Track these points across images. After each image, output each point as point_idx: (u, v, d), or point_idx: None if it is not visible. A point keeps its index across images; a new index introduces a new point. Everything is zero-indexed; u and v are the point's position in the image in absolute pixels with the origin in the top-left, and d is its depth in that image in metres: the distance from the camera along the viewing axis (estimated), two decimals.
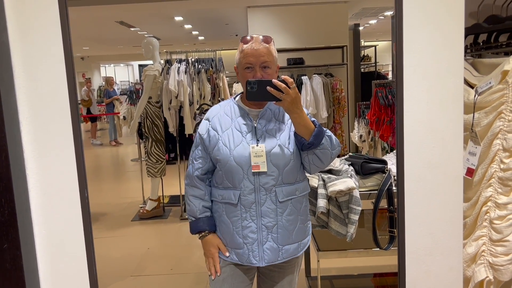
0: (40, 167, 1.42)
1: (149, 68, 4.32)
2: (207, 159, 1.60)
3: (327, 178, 2.10)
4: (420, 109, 1.50)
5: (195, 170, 1.62)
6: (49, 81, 1.40)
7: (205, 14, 7.77)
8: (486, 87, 1.56)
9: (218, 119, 1.58)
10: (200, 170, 1.61)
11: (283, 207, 1.53)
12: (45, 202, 1.43)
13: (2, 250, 1.33)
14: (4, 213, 1.32)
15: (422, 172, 1.54)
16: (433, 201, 1.55)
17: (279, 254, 1.55)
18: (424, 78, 1.48)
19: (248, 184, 1.50)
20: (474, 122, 1.59)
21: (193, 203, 1.62)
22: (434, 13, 1.45)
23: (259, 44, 1.51)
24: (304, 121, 1.47)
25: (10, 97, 1.35)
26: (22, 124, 1.40)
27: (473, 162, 1.60)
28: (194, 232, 1.65)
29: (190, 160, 1.66)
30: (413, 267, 1.58)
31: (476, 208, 1.64)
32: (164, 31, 9.64)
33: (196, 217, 1.62)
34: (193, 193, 1.63)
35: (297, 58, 5.82)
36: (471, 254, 1.66)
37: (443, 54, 1.47)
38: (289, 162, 1.52)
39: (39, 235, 1.44)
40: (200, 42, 12.42)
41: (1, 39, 1.32)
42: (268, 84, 1.42)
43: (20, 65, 1.38)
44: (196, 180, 1.62)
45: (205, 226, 1.61)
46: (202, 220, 1.61)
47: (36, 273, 1.43)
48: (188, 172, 1.65)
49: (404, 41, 1.46)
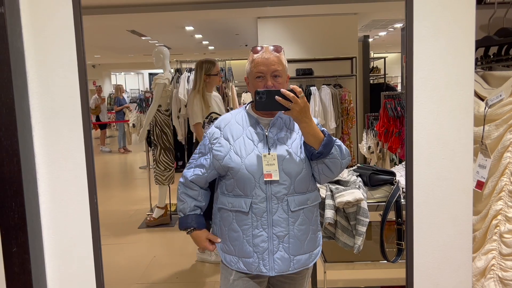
0: (50, 172, 1.43)
1: (159, 77, 4.37)
2: (209, 170, 1.60)
3: (334, 188, 2.09)
4: (430, 120, 1.49)
5: (193, 175, 1.63)
6: (62, 87, 1.42)
7: (216, 24, 7.84)
8: (496, 100, 1.55)
9: (229, 128, 1.58)
10: (198, 177, 1.63)
11: (295, 216, 1.53)
12: (54, 207, 1.44)
13: (11, 253, 1.34)
14: (14, 217, 1.34)
15: (431, 184, 1.52)
16: (442, 213, 1.54)
17: (291, 265, 1.54)
18: (434, 90, 1.48)
19: (259, 193, 1.50)
20: (484, 135, 1.58)
21: (186, 200, 1.66)
22: (445, 25, 1.45)
23: (270, 53, 1.52)
24: (313, 131, 1.47)
25: (23, 102, 1.37)
26: (34, 129, 1.42)
27: (483, 175, 1.59)
28: (182, 227, 1.68)
29: (191, 164, 1.67)
30: (421, 280, 1.56)
31: (486, 222, 1.62)
32: (175, 40, 9.74)
33: (186, 214, 1.66)
34: (186, 192, 1.67)
35: (306, 69, 5.84)
36: (480, 268, 1.64)
37: (453, 66, 1.46)
38: (301, 171, 1.52)
39: (48, 240, 1.45)
40: (210, 52, 12.52)
41: (16, 45, 1.35)
42: (277, 93, 1.42)
43: (34, 71, 1.40)
44: (192, 183, 1.65)
45: (193, 223, 1.66)
46: (190, 217, 1.66)
47: (43, 277, 1.44)
48: (185, 174, 1.67)
49: (414, 52, 1.46)
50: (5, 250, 1.35)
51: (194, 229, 1.66)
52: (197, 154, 1.66)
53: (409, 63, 1.46)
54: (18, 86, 1.34)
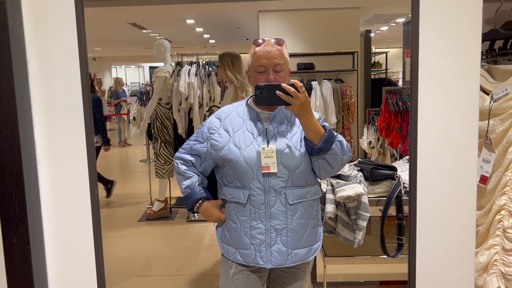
0: (51, 163, 1.42)
1: (160, 70, 4.35)
2: (204, 159, 1.60)
3: (335, 183, 2.09)
4: (434, 113, 1.48)
5: (193, 159, 1.62)
6: (63, 77, 1.40)
7: (217, 18, 7.80)
8: (502, 94, 1.54)
9: (230, 120, 1.57)
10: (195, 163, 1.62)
11: (293, 210, 1.52)
12: (55, 198, 1.43)
13: (12, 244, 1.33)
14: (14, 207, 1.33)
15: (435, 177, 1.51)
16: (445, 208, 1.53)
17: (288, 258, 1.54)
18: (440, 83, 1.46)
19: (257, 185, 1.49)
20: (489, 129, 1.57)
21: (193, 175, 1.62)
22: (451, 17, 1.43)
23: (272, 46, 1.50)
24: (313, 126, 1.45)
25: (23, 92, 1.36)
26: (34, 119, 1.40)
27: (487, 169, 1.58)
28: (191, 201, 1.62)
29: (186, 150, 1.64)
30: (423, 274, 1.56)
31: (489, 217, 1.61)
32: (176, 33, 9.70)
33: (194, 187, 1.61)
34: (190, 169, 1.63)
35: (307, 63, 5.82)
36: (483, 263, 1.63)
37: (459, 58, 1.45)
38: (300, 164, 1.51)
39: (48, 231, 1.44)
40: (211, 45, 12.48)
41: (17, 34, 1.34)
42: (278, 88, 1.40)
43: (34, 61, 1.39)
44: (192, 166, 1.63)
45: (203, 194, 1.61)
46: (199, 189, 1.61)
47: (44, 268, 1.43)
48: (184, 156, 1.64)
49: (420, 44, 1.44)
50: (5, 241, 1.34)
51: (205, 199, 1.61)
52: (192, 141, 1.64)
53: (415, 55, 1.44)
54: (18, 75, 1.33)
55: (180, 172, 1.64)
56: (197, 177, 1.63)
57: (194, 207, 1.62)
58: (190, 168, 1.64)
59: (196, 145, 1.61)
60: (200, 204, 1.61)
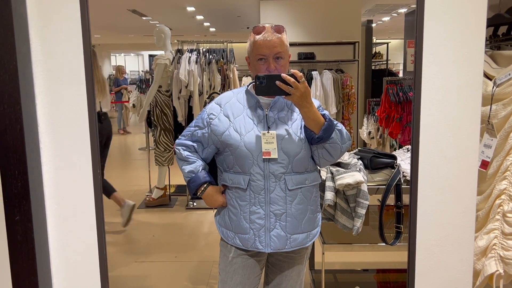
0: (54, 142, 1.42)
1: (160, 57, 4.32)
2: (206, 144, 1.61)
3: (335, 171, 2.09)
4: (437, 97, 1.48)
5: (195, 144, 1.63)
6: (65, 56, 1.39)
7: (218, 5, 7.75)
8: (505, 79, 1.54)
9: (230, 106, 1.57)
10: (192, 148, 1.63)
11: (292, 195, 1.53)
12: (57, 176, 1.43)
13: (14, 222, 1.34)
14: (17, 185, 1.33)
15: (437, 161, 1.52)
16: (446, 191, 1.53)
17: (287, 243, 1.55)
18: (443, 66, 1.46)
19: (258, 170, 1.50)
20: (491, 114, 1.57)
21: (196, 160, 1.63)
22: (456, 1, 1.42)
23: (272, 34, 1.49)
24: (313, 115, 1.45)
25: (26, 69, 1.35)
26: (37, 97, 1.39)
27: (488, 154, 1.58)
28: (196, 185, 1.61)
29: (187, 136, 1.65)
30: (423, 257, 1.57)
31: (489, 201, 1.62)
32: (176, 21, 9.65)
33: (198, 171, 1.62)
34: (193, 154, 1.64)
35: (308, 53, 5.80)
36: (482, 247, 1.64)
37: (463, 42, 1.44)
38: (300, 151, 1.52)
39: (51, 209, 1.44)
40: (211, 33, 12.42)
41: (20, 11, 1.32)
42: (277, 78, 1.40)
43: (37, 38, 1.37)
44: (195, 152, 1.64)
45: (207, 178, 1.61)
46: (203, 173, 1.62)
47: (46, 246, 1.44)
48: (185, 142, 1.65)
49: (425, 28, 1.44)
50: (8, 218, 1.34)
51: (209, 184, 1.61)
52: (192, 127, 1.64)
53: (419, 38, 1.43)
54: (21, 52, 1.32)
55: (182, 157, 1.64)
56: (200, 161, 1.63)
57: (198, 191, 1.62)
58: (193, 153, 1.64)
59: (197, 131, 1.62)
60: (205, 188, 1.61)
